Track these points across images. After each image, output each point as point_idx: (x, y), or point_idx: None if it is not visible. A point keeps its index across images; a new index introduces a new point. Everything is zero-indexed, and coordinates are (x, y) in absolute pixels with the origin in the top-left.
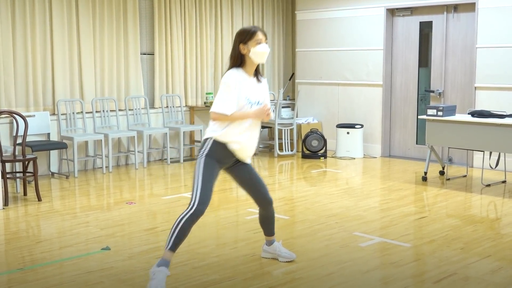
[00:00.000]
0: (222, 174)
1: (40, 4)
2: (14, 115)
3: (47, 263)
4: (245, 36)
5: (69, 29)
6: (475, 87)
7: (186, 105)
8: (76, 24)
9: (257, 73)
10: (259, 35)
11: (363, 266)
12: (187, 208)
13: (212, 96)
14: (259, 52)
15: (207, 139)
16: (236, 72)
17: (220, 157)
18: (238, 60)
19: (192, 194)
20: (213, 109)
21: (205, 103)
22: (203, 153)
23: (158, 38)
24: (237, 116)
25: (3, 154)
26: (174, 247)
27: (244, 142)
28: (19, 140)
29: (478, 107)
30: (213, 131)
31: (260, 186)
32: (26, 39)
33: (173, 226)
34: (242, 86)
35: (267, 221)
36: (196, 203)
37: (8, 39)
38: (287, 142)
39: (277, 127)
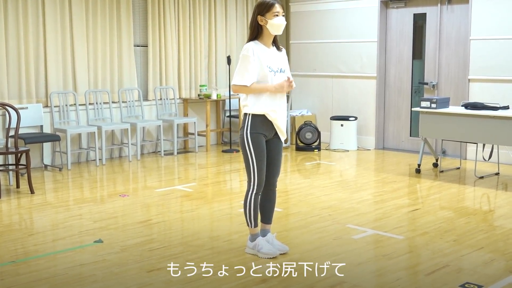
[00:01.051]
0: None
1: None
2: (6, 107)
3: (39, 256)
4: (263, 8)
5: (62, 20)
6: (469, 79)
7: (179, 97)
8: (69, 15)
9: (275, 43)
10: (277, 8)
11: (356, 258)
12: (249, 189)
13: (205, 89)
14: (276, 24)
15: (246, 114)
16: (254, 44)
17: (263, 129)
18: (255, 31)
19: (250, 175)
20: (233, 81)
21: (199, 95)
22: (246, 129)
23: (152, 30)
24: (257, 88)
25: None
26: (256, 223)
27: (279, 110)
28: (11, 132)
29: (472, 99)
30: (249, 107)
31: (274, 167)
32: (18, 30)
33: (245, 208)
34: (261, 56)
35: (266, 205)
36: (256, 182)
37: (1, 31)
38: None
39: None
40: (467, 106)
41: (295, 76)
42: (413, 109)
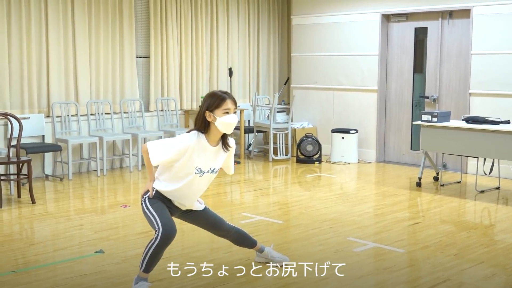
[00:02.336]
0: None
1: (36, 6)
2: (8, 117)
3: (40, 266)
4: (213, 103)
5: (64, 31)
6: (470, 93)
7: (181, 109)
8: (71, 26)
9: (224, 142)
10: (228, 104)
11: (357, 272)
12: (154, 236)
13: None
14: (226, 122)
15: (153, 188)
16: (195, 139)
17: (166, 204)
18: (202, 125)
19: (153, 225)
20: (149, 145)
21: (200, 106)
22: (145, 198)
23: (154, 41)
24: (149, 171)
25: None
26: (147, 270)
27: (187, 203)
28: (13, 142)
29: (473, 113)
30: (159, 183)
31: (217, 224)
32: (21, 41)
33: (144, 250)
34: (195, 155)
35: (240, 241)
36: (161, 229)
37: (4, 41)
38: (282, 147)
39: (272, 132)
40: (468, 120)
41: (296, 89)
42: (414, 122)
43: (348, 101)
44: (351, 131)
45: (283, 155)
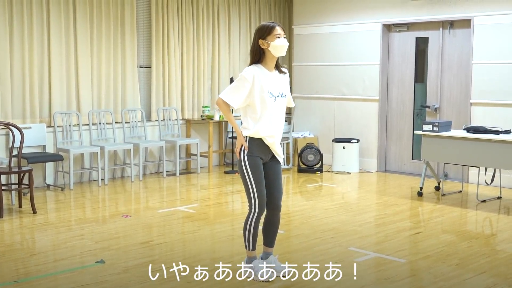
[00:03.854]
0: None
1: (38, 16)
2: (10, 126)
3: (41, 276)
4: (264, 31)
5: (66, 41)
6: (471, 103)
7: (182, 118)
8: (73, 36)
9: (277, 66)
10: (278, 30)
11: (358, 282)
12: (250, 212)
13: (208, 110)
14: (278, 45)
15: (245, 137)
16: (256, 68)
17: (259, 153)
18: (257, 55)
19: (250, 198)
20: (222, 95)
21: (201, 116)
22: (243, 152)
23: (156, 51)
24: (229, 118)
25: None
26: (254, 246)
27: (276, 135)
28: (15, 152)
29: (474, 123)
30: (248, 130)
31: (276, 189)
32: (23, 50)
33: (245, 231)
34: (263, 81)
35: (269, 228)
36: (257, 205)
37: (5, 51)
38: (284, 156)
39: None
40: (469, 129)
41: (297, 98)
42: (415, 132)
43: (349, 110)
44: (352, 141)
45: (284, 164)
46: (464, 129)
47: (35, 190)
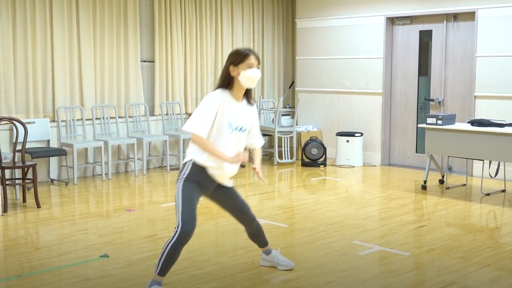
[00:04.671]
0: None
1: (41, 11)
2: (14, 121)
3: (45, 270)
4: (236, 58)
5: (69, 36)
6: (475, 96)
7: (186, 113)
8: (76, 31)
9: (248, 97)
10: (251, 59)
11: (362, 275)
12: (173, 232)
13: None
14: (249, 76)
15: (186, 162)
16: (221, 94)
17: (200, 181)
18: (226, 81)
19: (176, 219)
20: (190, 128)
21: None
22: (182, 177)
23: (159, 45)
24: (211, 151)
25: (3, 161)
26: (162, 272)
27: (226, 168)
28: (18, 147)
29: (478, 116)
30: (193, 153)
31: (244, 208)
32: (26, 45)
33: (162, 250)
34: (225, 109)
35: (256, 235)
36: (180, 225)
37: (9, 46)
38: (287, 150)
39: (276, 135)
40: (473, 122)
41: (301, 92)
42: (419, 125)
43: (353, 104)
44: (356, 134)
45: (288, 158)
46: (468, 122)
47: (39, 184)
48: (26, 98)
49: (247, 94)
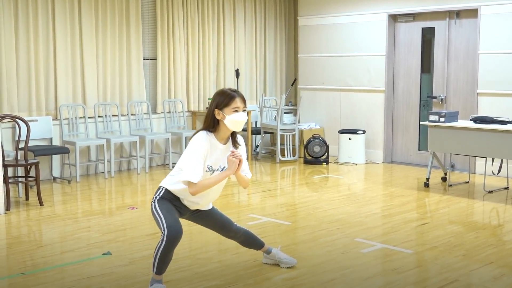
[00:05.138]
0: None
1: (43, 9)
2: (16, 119)
3: (48, 268)
4: (221, 101)
5: (71, 34)
6: (478, 93)
7: (188, 110)
8: (78, 29)
9: (233, 139)
10: (237, 102)
11: (364, 273)
12: (160, 238)
13: None
14: (235, 120)
15: (160, 186)
16: (207, 137)
17: (175, 205)
18: (211, 123)
19: (159, 225)
20: (189, 178)
21: (207, 108)
22: (155, 199)
23: (161, 43)
24: (211, 183)
25: (5, 159)
26: (159, 272)
27: (202, 201)
28: (21, 145)
29: (481, 113)
30: (168, 183)
31: (225, 224)
32: (28, 43)
33: (153, 254)
34: (209, 154)
35: (248, 242)
36: (166, 231)
37: (11, 44)
38: (289, 148)
39: (279, 133)
40: (475, 120)
41: (303, 90)
42: (421, 123)
43: (355, 101)
44: (358, 132)
45: (290, 156)
46: (470, 120)
47: (42, 182)
48: (28, 96)
49: (233, 137)
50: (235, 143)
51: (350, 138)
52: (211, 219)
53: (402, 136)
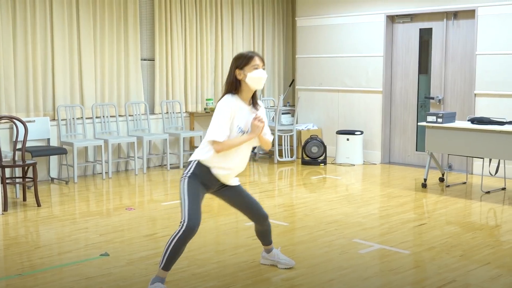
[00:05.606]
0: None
1: (41, 9)
2: (14, 120)
3: (46, 269)
4: (241, 61)
5: (69, 34)
6: (475, 94)
7: (186, 111)
8: (76, 29)
9: (254, 99)
10: (256, 60)
11: (362, 273)
12: (178, 227)
13: (212, 102)
14: (256, 77)
15: (191, 161)
16: (231, 98)
17: (204, 181)
18: (233, 85)
19: (182, 214)
20: (214, 137)
21: (205, 109)
22: (186, 175)
23: (159, 44)
24: (235, 143)
25: (3, 159)
26: (167, 267)
27: (231, 168)
28: (19, 146)
29: (478, 114)
30: (199, 154)
31: (253, 205)
32: (26, 44)
33: (166, 245)
34: (235, 113)
35: (264, 234)
36: (186, 221)
37: (9, 44)
38: (287, 149)
39: (277, 133)
40: (473, 121)
41: (301, 90)
42: (419, 123)
43: (353, 102)
44: (356, 133)
45: (288, 157)
46: (468, 120)
47: (39, 183)
48: (26, 97)
49: (253, 97)
50: (255, 104)
51: (348, 139)
52: (238, 197)
53: (399, 137)
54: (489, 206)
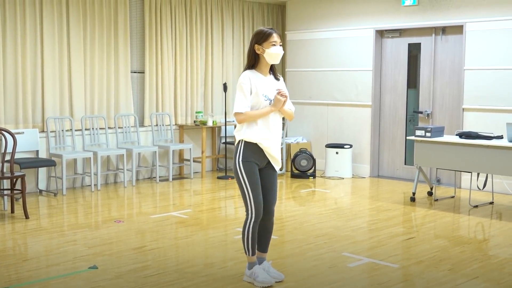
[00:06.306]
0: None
1: (31, 20)
2: (2, 132)
3: (33, 282)
4: (260, 37)
5: (59, 46)
6: (463, 109)
7: (175, 124)
8: (66, 41)
9: (273, 72)
10: (274, 37)
11: (351, 287)
12: (247, 217)
13: (201, 115)
14: (273, 53)
15: (238, 142)
16: (250, 73)
17: (255, 159)
18: (252, 59)
19: (246, 203)
20: (236, 110)
21: (194, 121)
22: (238, 158)
23: (149, 56)
24: (256, 114)
25: None
26: (253, 252)
27: (272, 138)
28: (7, 157)
29: (466, 128)
30: (240, 133)
31: (270, 195)
32: (16, 55)
33: (243, 237)
34: (258, 85)
35: (263, 233)
36: (254, 212)
37: None
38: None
39: None
40: (461, 135)
41: None
42: (408, 137)
43: (342, 116)
44: (345, 146)
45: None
46: (456, 135)
47: (28, 195)
48: (15, 108)
49: (272, 69)
50: (275, 75)
51: (337, 152)
52: (269, 178)
53: (388, 151)
54: (477, 220)
